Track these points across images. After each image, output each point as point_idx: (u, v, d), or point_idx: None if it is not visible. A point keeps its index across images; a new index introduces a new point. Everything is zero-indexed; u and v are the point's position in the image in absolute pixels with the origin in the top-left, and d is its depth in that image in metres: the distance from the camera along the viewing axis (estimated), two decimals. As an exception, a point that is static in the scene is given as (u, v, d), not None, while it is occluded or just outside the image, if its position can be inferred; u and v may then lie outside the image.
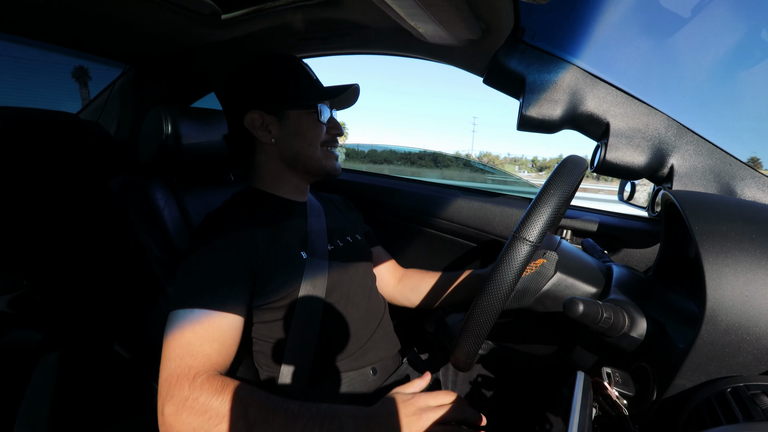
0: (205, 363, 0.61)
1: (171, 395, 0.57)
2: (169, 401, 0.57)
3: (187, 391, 0.57)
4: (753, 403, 0.38)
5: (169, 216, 0.98)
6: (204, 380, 0.58)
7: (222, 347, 0.64)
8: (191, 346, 0.61)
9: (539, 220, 0.47)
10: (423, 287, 1.00)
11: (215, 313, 0.64)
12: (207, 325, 0.63)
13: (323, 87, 0.90)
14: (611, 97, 0.83)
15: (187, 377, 0.58)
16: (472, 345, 0.51)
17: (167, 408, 0.57)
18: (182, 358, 0.60)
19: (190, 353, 0.60)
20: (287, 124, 0.84)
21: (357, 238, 0.97)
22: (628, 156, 0.82)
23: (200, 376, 0.59)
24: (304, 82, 0.87)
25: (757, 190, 0.76)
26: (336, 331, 0.80)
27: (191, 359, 0.60)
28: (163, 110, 0.98)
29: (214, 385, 0.58)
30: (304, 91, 0.86)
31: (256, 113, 0.84)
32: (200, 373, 0.59)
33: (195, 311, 0.63)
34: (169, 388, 0.58)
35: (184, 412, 0.56)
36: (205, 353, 0.61)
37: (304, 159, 0.86)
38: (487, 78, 0.96)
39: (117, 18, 1.01)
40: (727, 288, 0.44)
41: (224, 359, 0.64)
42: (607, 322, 0.52)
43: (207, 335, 0.62)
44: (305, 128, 0.84)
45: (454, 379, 0.94)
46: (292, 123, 0.84)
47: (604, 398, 0.52)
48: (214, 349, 0.63)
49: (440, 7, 0.67)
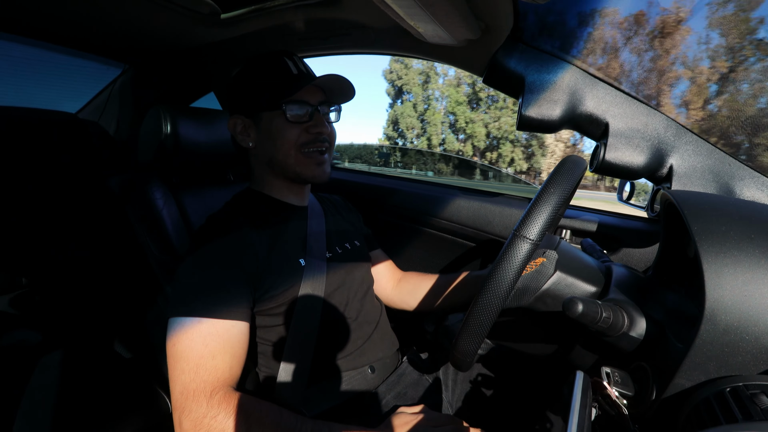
0: (219, 377, 0.61)
1: (189, 410, 0.58)
2: (186, 416, 0.58)
3: (205, 407, 0.58)
4: (752, 403, 0.38)
5: (168, 216, 0.97)
6: (221, 398, 0.59)
7: (233, 358, 0.64)
8: (204, 360, 0.61)
9: (540, 219, 0.48)
10: (421, 290, 1.00)
11: (223, 322, 0.64)
12: (217, 336, 0.63)
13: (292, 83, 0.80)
14: (610, 97, 0.83)
15: (204, 393, 0.59)
16: (472, 344, 0.51)
17: (185, 423, 0.58)
18: (196, 372, 0.60)
19: (204, 367, 0.61)
20: (261, 127, 0.81)
21: (356, 245, 0.96)
22: (627, 156, 0.82)
23: (217, 393, 0.59)
24: (275, 80, 0.80)
25: (756, 189, 0.76)
26: (333, 335, 0.80)
27: (206, 374, 0.60)
28: (163, 110, 0.98)
29: (231, 404, 0.59)
30: (274, 90, 0.80)
31: (238, 118, 0.83)
32: (217, 389, 0.60)
33: (203, 320, 0.63)
34: (186, 403, 0.59)
35: (202, 429, 0.57)
36: (218, 367, 0.62)
37: (278, 164, 0.82)
38: (486, 78, 0.96)
39: (116, 17, 1.01)
40: (726, 288, 0.44)
41: (236, 371, 0.65)
42: (607, 321, 0.52)
43: (218, 347, 0.63)
44: (275, 130, 0.79)
45: (454, 378, 0.94)
46: (265, 126, 0.81)
47: (603, 398, 0.52)
48: (226, 361, 0.63)
49: (440, 7, 0.67)
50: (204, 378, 0.60)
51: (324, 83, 0.81)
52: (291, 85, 0.79)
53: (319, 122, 0.81)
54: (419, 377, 0.92)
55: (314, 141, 0.81)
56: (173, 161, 1.01)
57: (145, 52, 1.30)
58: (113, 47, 1.28)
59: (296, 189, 0.88)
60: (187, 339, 0.62)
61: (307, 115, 0.80)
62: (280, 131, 0.79)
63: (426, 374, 0.93)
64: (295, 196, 0.88)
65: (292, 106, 0.79)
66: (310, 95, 0.81)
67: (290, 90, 0.78)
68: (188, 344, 0.62)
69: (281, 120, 0.79)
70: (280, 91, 0.79)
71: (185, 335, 0.62)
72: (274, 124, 0.79)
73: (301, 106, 0.79)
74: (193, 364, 0.61)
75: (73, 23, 1.04)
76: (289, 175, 0.83)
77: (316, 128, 0.80)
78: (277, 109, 0.79)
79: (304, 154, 0.81)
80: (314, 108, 0.81)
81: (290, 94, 0.78)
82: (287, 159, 0.80)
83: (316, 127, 0.80)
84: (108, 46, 1.26)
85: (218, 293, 0.66)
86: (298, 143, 0.80)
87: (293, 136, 0.79)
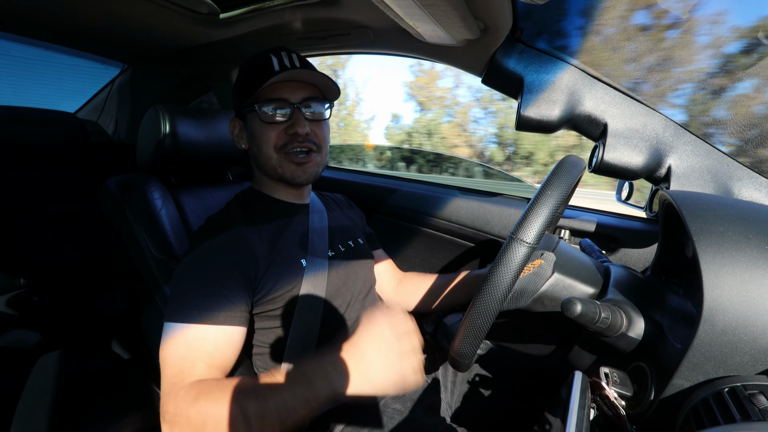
0: (193, 377, 0.60)
1: (162, 413, 0.58)
2: (163, 420, 0.58)
3: (172, 407, 0.57)
4: (750, 403, 0.38)
5: (167, 216, 0.97)
6: (184, 393, 0.58)
7: (214, 360, 0.63)
8: (183, 363, 0.61)
9: (536, 222, 0.47)
10: (421, 290, 1.00)
11: (215, 327, 0.64)
12: (203, 341, 0.63)
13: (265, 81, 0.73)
14: (609, 98, 0.83)
15: (172, 394, 0.59)
16: (471, 345, 0.51)
17: (163, 427, 0.58)
18: (174, 375, 0.60)
19: (181, 370, 0.60)
20: (247, 128, 0.80)
21: (359, 242, 0.95)
22: (626, 156, 0.82)
23: (182, 390, 0.58)
24: (255, 79, 0.75)
25: (754, 190, 0.76)
26: (334, 335, 0.80)
27: (180, 375, 0.60)
28: (161, 109, 0.97)
29: (191, 394, 0.57)
30: (251, 89, 0.75)
31: (235, 120, 0.83)
32: (184, 386, 0.59)
33: (191, 326, 0.62)
34: (162, 406, 0.59)
35: (175, 428, 0.57)
36: (196, 368, 0.61)
37: (262, 166, 0.80)
38: (485, 78, 0.96)
39: (115, 17, 1.00)
40: (725, 288, 0.44)
41: (216, 371, 0.63)
42: (605, 322, 0.52)
43: (201, 351, 0.62)
44: (255, 133, 0.77)
45: (452, 379, 0.94)
46: (249, 128, 0.80)
47: (602, 398, 0.52)
48: (206, 363, 0.62)
49: (439, 7, 0.67)
50: (180, 380, 0.60)
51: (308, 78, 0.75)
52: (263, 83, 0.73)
53: (296, 122, 0.75)
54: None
55: (292, 142, 0.76)
56: (172, 161, 1.01)
57: (144, 51, 1.30)
58: (112, 47, 1.28)
59: (291, 189, 0.85)
60: (173, 344, 0.62)
61: (285, 114, 0.76)
62: (258, 133, 0.77)
63: (425, 375, 0.93)
64: (295, 196, 0.87)
65: (266, 106, 0.75)
66: (291, 93, 0.76)
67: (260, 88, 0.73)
68: (173, 349, 0.62)
69: (257, 121, 0.76)
70: (254, 90, 0.74)
71: (171, 341, 0.62)
72: (254, 125, 0.78)
73: (278, 105, 0.75)
74: (174, 368, 0.61)
75: (72, 23, 1.04)
76: (273, 176, 0.80)
77: (292, 129, 0.75)
78: (253, 110, 0.76)
79: (284, 154, 0.77)
80: (294, 106, 0.76)
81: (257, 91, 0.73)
82: (269, 161, 0.78)
83: (292, 128, 0.75)
84: (107, 46, 1.26)
85: (212, 298, 0.65)
86: (278, 145, 0.76)
87: (271, 138, 0.76)
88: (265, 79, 0.72)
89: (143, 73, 1.45)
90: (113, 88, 1.58)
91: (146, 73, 1.43)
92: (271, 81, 0.72)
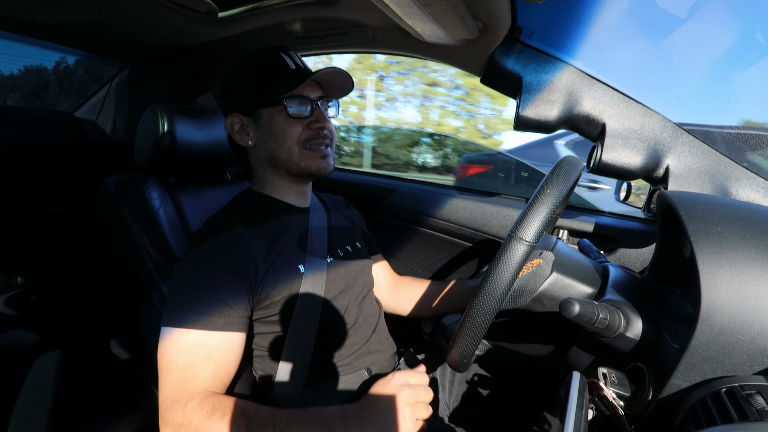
0: (199, 386, 0.61)
1: (166, 421, 0.59)
2: (165, 427, 0.58)
3: (180, 416, 0.58)
4: (748, 403, 0.38)
5: (165, 215, 0.97)
6: (195, 405, 0.59)
7: (218, 367, 0.64)
8: (186, 370, 0.61)
9: (536, 220, 0.48)
10: (417, 296, 1.00)
11: (213, 333, 0.64)
12: (204, 347, 0.63)
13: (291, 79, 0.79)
14: (608, 98, 0.83)
15: (180, 402, 0.59)
16: (469, 345, 0.51)
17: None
18: (178, 382, 0.60)
19: (185, 377, 0.61)
20: (261, 124, 0.80)
21: (357, 246, 0.94)
22: (624, 157, 0.82)
23: (192, 400, 0.59)
24: (273, 76, 0.79)
25: (751, 190, 0.76)
26: (331, 340, 0.79)
27: (186, 383, 0.60)
28: (160, 109, 0.97)
29: (205, 409, 0.58)
30: (273, 86, 0.78)
31: (235, 117, 0.81)
32: (193, 396, 0.60)
33: (191, 332, 0.62)
34: (165, 413, 0.59)
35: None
36: (200, 376, 0.61)
37: (281, 161, 0.80)
38: (484, 78, 0.96)
39: (114, 16, 1.00)
40: (722, 288, 0.44)
41: (221, 379, 0.64)
42: (603, 322, 0.52)
43: (203, 357, 0.62)
44: (276, 128, 0.78)
45: (451, 379, 0.94)
46: (265, 123, 0.79)
47: (600, 398, 0.52)
48: (210, 370, 0.63)
49: (437, 7, 0.66)
50: (184, 387, 0.60)
51: (323, 77, 0.80)
52: (291, 80, 0.77)
53: (320, 117, 0.80)
54: (417, 378, 0.91)
55: (316, 137, 0.80)
56: (170, 160, 1.00)
57: (143, 50, 1.29)
58: (111, 46, 1.28)
59: (298, 187, 0.86)
60: (174, 350, 0.62)
61: (307, 110, 0.79)
62: (282, 128, 0.78)
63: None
64: (297, 196, 0.87)
65: (293, 102, 0.77)
66: (309, 90, 0.80)
67: (291, 85, 0.76)
68: (174, 355, 0.62)
69: (282, 116, 0.78)
70: (279, 86, 0.77)
71: (172, 346, 0.62)
72: (275, 120, 0.78)
73: (301, 101, 0.78)
74: (176, 375, 0.61)
75: (69, 22, 1.04)
76: (293, 170, 0.81)
77: (317, 124, 0.79)
78: (277, 106, 0.78)
79: (307, 148, 0.80)
80: (314, 103, 0.80)
81: (291, 89, 0.76)
82: (291, 155, 0.79)
83: (318, 123, 0.79)
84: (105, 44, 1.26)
85: (210, 302, 0.65)
86: (301, 139, 0.79)
87: (296, 133, 0.78)
88: (288, 77, 0.78)
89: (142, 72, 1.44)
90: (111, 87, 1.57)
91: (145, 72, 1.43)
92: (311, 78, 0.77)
